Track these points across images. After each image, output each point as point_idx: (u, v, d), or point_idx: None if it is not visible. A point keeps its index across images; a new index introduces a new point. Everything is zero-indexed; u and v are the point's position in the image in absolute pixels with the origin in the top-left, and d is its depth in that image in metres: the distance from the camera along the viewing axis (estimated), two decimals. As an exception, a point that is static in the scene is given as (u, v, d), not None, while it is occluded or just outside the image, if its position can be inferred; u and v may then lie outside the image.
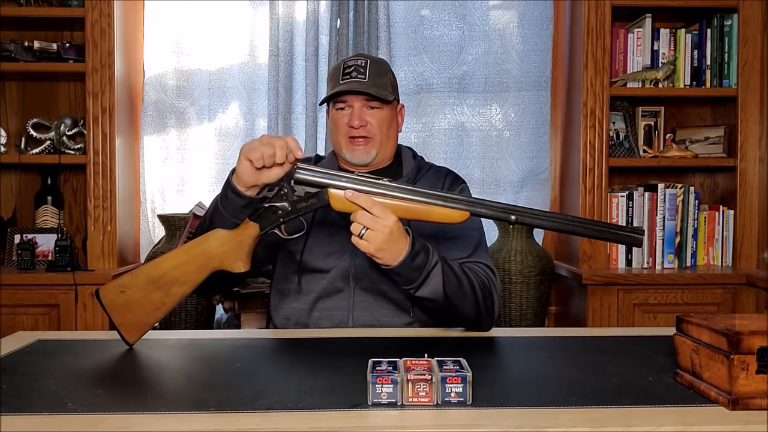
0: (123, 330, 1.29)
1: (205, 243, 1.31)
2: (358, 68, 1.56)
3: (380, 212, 1.26)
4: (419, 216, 1.29)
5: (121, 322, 1.29)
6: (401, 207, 1.28)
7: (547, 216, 1.27)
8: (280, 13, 2.76)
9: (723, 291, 2.49)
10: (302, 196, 1.30)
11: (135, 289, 1.28)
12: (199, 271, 1.30)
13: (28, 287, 2.41)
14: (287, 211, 1.30)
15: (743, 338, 0.92)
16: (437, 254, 1.37)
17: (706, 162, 2.70)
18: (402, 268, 1.31)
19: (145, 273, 1.29)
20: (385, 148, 1.59)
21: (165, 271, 1.29)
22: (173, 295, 1.29)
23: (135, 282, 1.29)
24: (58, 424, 0.89)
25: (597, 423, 0.88)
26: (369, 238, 1.26)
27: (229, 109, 2.84)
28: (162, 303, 1.29)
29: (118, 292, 1.29)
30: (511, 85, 2.82)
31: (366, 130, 1.55)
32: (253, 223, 1.31)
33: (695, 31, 2.66)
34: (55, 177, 2.74)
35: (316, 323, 1.54)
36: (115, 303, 1.28)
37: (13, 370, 1.15)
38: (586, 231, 1.26)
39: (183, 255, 1.31)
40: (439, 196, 1.28)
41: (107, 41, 2.52)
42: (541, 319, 2.66)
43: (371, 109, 1.56)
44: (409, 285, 1.35)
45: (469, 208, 1.28)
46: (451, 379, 0.94)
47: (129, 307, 1.28)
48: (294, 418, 0.90)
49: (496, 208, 1.27)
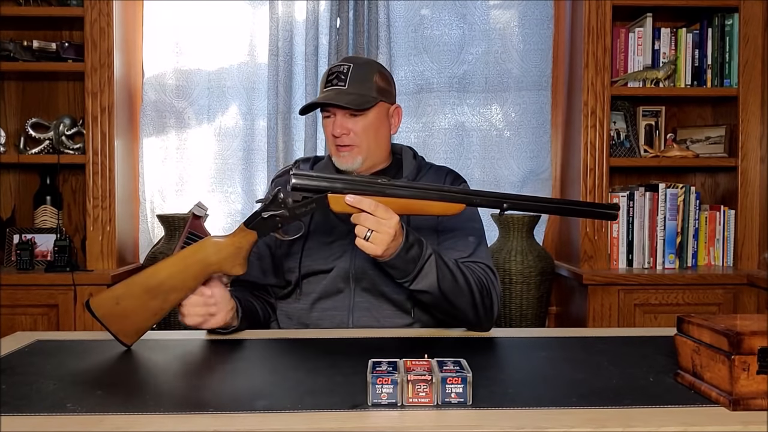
0: (121, 336, 1.29)
1: (202, 251, 1.31)
2: (339, 75, 1.54)
3: (384, 213, 1.27)
4: (417, 210, 1.31)
5: (118, 329, 1.29)
6: (399, 204, 1.29)
7: (533, 201, 1.35)
8: (280, 12, 2.75)
9: (724, 291, 2.48)
10: (300, 202, 1.30)
11: (131, 300, 1.28)
12: (196, 278, 1.31)
13: (27, 287, 2.41)
14: (286, 217, 1.31)
15: (744, 339, 0.92)
16: (431, 247, 1.38)
17: (707, 162, 2.70)
18: (396, 260, 1.32)
19: (140, 283, 1.29)
20: (374, 153, 1.58)
21: (162, 280, 1.29)
22: (170, 302, 1.30)
23: (130, 293, 1.29)
24: (57, 425, 0.89)
25: (597, 423, 0.88)
26: (375, 240, 1.27)
27: (229, 109, 2.83)
28: (160, 309, 1.29)
29: (112, 304, 1.28)
30: (512, 85, 2.82)
31: (350, 139, 1.54)
32: (250, 231, 1.32)
33: (696, 31, 2.66)
34: (54, 177, 2.74)
35: (316, 323, 1.54)
36: (110, 314, 1.28)
37: (12, 370, 1.15)
38: (566, 211, 1.39)
39: (179, 264, 1.31)
40: (435, 189, 1.31)
41: (106, 41, 2.52)
42: (542, 320, 2.66)
43: (353, 117, 1.54)
44: (404, 278, 1.36)
45: (465, 199, 1.31)
46: (452, 379, 0.94)
47: (125, 316, 1.28)
48: (294, 418, 0.90)
49: (489, 198, 1.31)
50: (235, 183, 2.83)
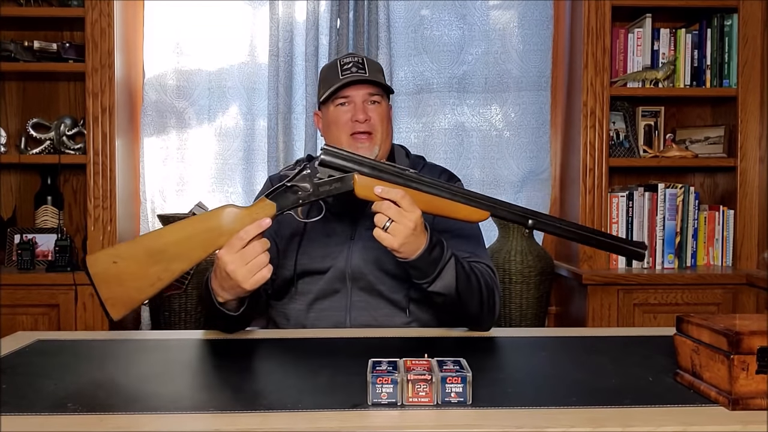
0: (109, 305, 1.19)
1: (216, 218, 1.20)
2: (357, 64, 1.56)
3: (408, 205, 1.24)
4: (443, 211, 1.27)
5: (108, 296, 1.18)
6: (427, 200, 1.26)
7: (560, 224, 1.29)
8: (280, 13, 2.76)
9: (723, 291, 2.49)
10: (326, 180, 1.25)
11: (130, 261, 1.17)
12: (205, 248, 1.20)
13: (28, 287, 2.41)
14: (308, 193, 1.25)
15: (743, 338, 0.92)
16: (450, 249, 1.36)
17: (707, 162, 2.70)
18: (420, 261, 1.29)
19: (144, 244, 1.19)
20: (384, 144, 1.58)
21: (168, 244, 1.18)
22: (171, 272, 1.19)
23: (131, 253, 1.18)
24: (58, 424, 0.89)
25: (597, 423, 0.88)
26: (394, 231, 1.24)
27: (229, 110, 2.83)
28: (158, 279, 1.18)
29: (109, 262, 1.17)
30: (511, 85, 2.82)
31: (369, 125, 1.54)
32: (270, 202, 1.24)
33: (695, 31, 2.66)
34: (55, 177, 2.74)
35: (313, 324, 1.54)
36: (104, 274, 1.17)
37: (13, 370, 1.15)
38: (596, 242, 1.29)
39: (188, 228, 1.20)
40: (464, 193, 1.28)
41: (107, 41, 2.52)
42: (541, 319, 2.66)
43: (372, 104, 1.56)
44: (424, 279, 1.34)
45: (490, 208, 1.27)
46: (451, 379, 0.94)
47: (120, 280, 1.17)
48: (294, 418, 0.90)
49: (515, 211, 1.28)
50: (235, 183, 2.83)
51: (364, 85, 1.55)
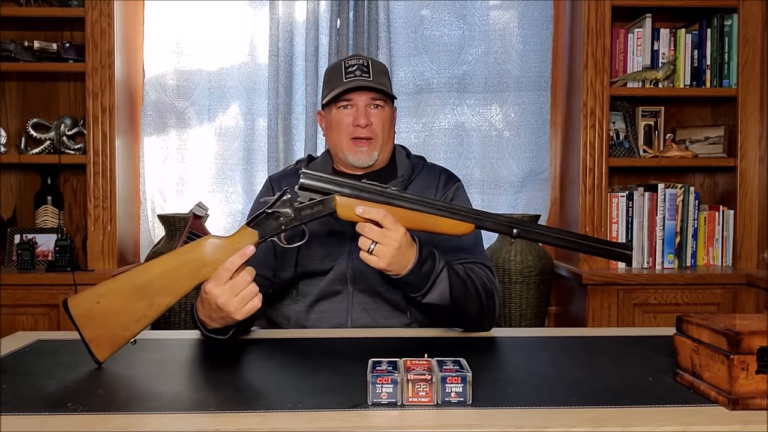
0: (93, 346, 1.15)
1: (198, 249, 1.20)
2: (361, 67, 1.55)
3: (391, 224, 1.22)
4: (426, 227, 1.26)
5: (92, 337, 1.15)
6: (410, 216, 1.24)
7: (544, 231, 1.27)
8: (280, 13, 2.76)
9: (723, 291, 2.49)
10: (307, 203, 1.23)
11: (113, 298, 1.16)
12: (189, 280, 1.19)
13: (28, 287, 2.41)
14: (290, 218, 1.23)
15: (743, 338, 0.92)
16: (443, 260, 1.37)
17: (706, 162, 2.70)
18: (411, 276, 1.30)
19: (127, 280, 1.18)
20: (385, 150, 1.58)
21: (152, 278, 1.17)
22: (156, 306, 1.17)
23: (115, 290, 1.17)
24: (57, 424, 0.89)
25: (597, 423, 0.88)
26: (379, 253, 1.23)
27: (229, 110, 2.84)
28: (144, 315, 1.17)
29: (93, 302, 1.15)
30: (511, 85, 2.82)
31: (370, 130, 1.54)
32: (251, 230, 1.22)
33: (695, 31, 2.66)
34: (55, 177, 2.74)
35: (314, 325, 1.54)
36: (87, 315, 1.15)
37: (13, 370, 1.15)
38: (580, 247, 1.27)
39: (172, 261, 1.20)
40: (447, 207, 1.26)
41: (107, 41, 2.52)
42: (541, 319, 2.66)
43: (375, 108, 1.55)
44: (417, 293, 1.35)
45: (475, 220, 1.26)
46: (451, 379, 0.94)
47: (104, 320, 1.15)
48: (294, 418, 0.90)
49: (500, 222, 1.26)
50: (235, 183, 2.83)
51: (367, 90, 1.54)
